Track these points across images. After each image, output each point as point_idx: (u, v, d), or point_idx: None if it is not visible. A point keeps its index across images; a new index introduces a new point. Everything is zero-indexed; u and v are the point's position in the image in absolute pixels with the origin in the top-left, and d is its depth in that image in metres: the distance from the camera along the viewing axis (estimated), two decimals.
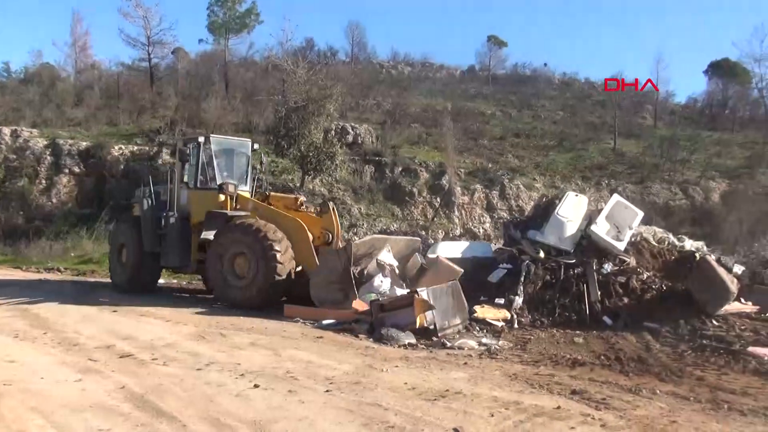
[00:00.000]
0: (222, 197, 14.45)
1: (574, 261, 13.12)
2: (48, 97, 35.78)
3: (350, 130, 32.16)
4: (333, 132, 29.72)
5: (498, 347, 9.93)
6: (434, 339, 10.24)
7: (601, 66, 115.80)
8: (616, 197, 15.06)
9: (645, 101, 50.01)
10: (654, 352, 9.75)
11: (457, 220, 28.25)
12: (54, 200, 27.82)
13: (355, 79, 40.94)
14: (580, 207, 14.30)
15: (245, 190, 15.21)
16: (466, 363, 8.86)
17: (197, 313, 12.54)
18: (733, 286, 11.78)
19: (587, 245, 13.58)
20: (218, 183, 14.63)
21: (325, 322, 11.64)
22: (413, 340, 10.23)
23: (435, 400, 6.84)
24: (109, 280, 16.79)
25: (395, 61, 57.74)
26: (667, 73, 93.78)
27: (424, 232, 24.14)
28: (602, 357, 9.30)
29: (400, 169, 29.85)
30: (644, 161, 35.28)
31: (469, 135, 36.85)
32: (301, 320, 11.85)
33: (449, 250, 14.86)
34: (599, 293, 12.31)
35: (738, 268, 13.20)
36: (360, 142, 32.00)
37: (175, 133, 30.65)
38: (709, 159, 36.27)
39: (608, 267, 12.90)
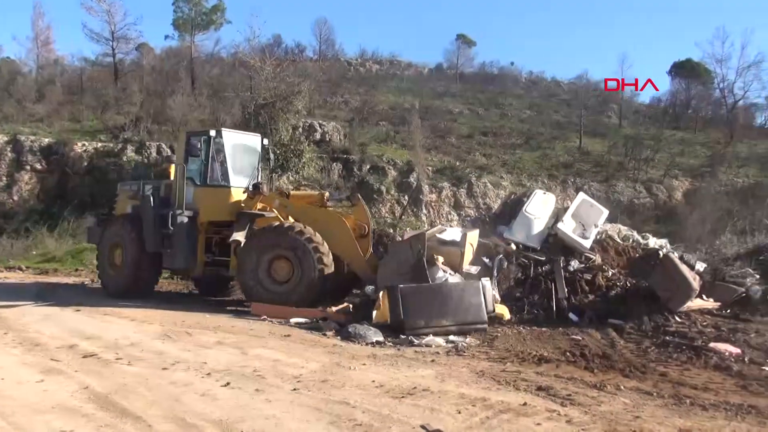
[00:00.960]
0: (235, 195, 14.00)
1: (544, 258, 13.24)
2: (8, 92, 35.14)
3: (318, 128, 32.12)
4: (301, 129, 29.65)
5: (465, 344, 9.98)
6: (402, 337, 10.26)
7: (567, 65, 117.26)
8: (582, 195, 15.23)
9: (610, 100, 50.73)
10: (618, 349, 9.86)
11: (424, 218, 28.39)
12: (15, 197, 27.35)
13: (323, 76, 40.84)
14: (547, 205, 14.43)
15: (242, 187, 14.57)
16: (433, 360, 8.89)
17: (163, 311, 12.41)
18: (696, 283, 11.98)
19: (554, 243, 13.74)
20: (229, 179, 14.13)
21: (293, 320, 11.63)
22: (381, 338, 10.24)
23: (402, 397, 6.86)
24: (73, 279, 16.52)
25: (363, 59, 57.79)
26: (632, 73, 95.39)
27: (391, 230, 24.15)
28: (568, 353, 9.39)
29: (368, 166, 29.90)
30: (609, 160, 35.80)
31: (437, 133, 37.03)
32: (268, 318, 11.80)
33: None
34: (566, 290, 12.43)
35: (700, 266, 13.44)
36: (328, 139, 31.99)
37: (140, 130, 30.31)
38: (672, 158, 36.92)
39: (575, 264, 13.04)
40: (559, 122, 43.86)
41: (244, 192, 14.18)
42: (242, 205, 13.92)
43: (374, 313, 11.12)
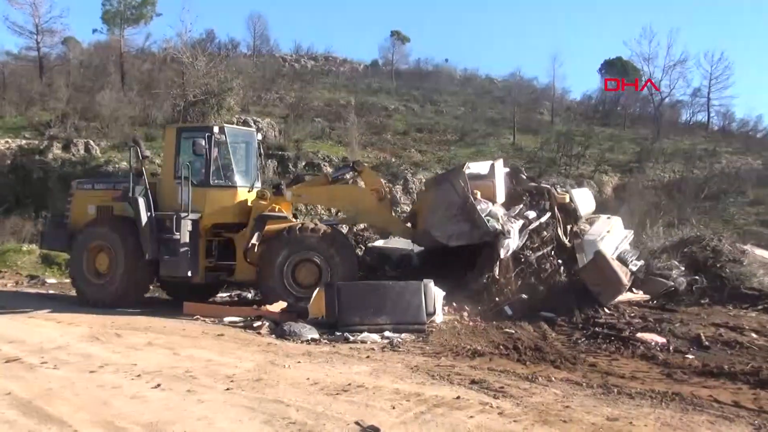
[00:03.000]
0: (241, 195, 13.40)
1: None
2: None
3: (252, 124, 31.72)
4: (234, 126, 29.26)
5: (400, 340, 10.02)
6: (337, 333, 10.25)
7: (501, 63, 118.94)
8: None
9: (542, 98, 51.73)
10: (550, 341, 10.07)
11: None
12: None
13: (257, 72, 40.49)
14: None
15: (248, 186, 13.87)
16: (368, 357, 8.91)
17: (91, 313, 12.04)
18: (626, 278, 12.34)
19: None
20: (235, 178, 13.47)
21: (226, 319, 11.49)
22: (316, 335, 10.21)
23: (337, 394, 6.86)
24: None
25: (298, 55, 57.46)
26: (563, 71, 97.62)
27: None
28: (501, 347, 9.54)
29: (303, 163, 29.74)
30: (542, 156, 36.54)
31: (372, 129, 37.13)
32: (201, 318, 11.63)
33: None
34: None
35: (635, 265, 13.85)
36: (262, 136, 31.67)
37: (67, 127, 29.42)
38: (602, 154, 37.95)
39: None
40: (493, 119, 44.51)
41: (249, 191, 13.66)
42: (249, 205, 13.41)
43: (309, 309, 11.11)
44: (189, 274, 12.93)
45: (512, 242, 12.48)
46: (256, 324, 10.99)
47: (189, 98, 26.56)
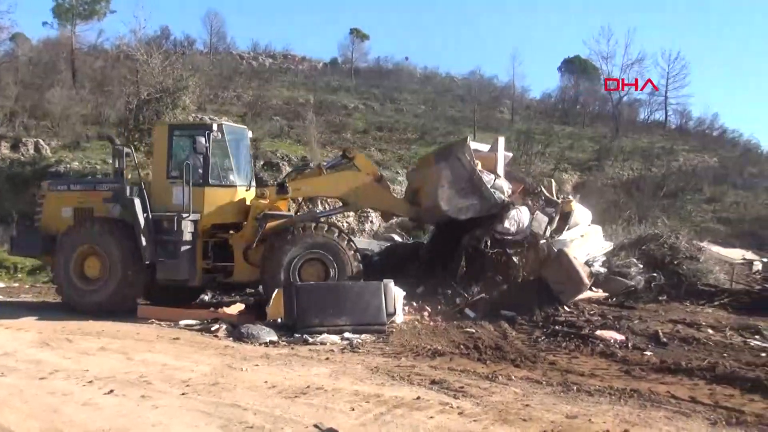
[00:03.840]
0: (240, 194, 13.12)
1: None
2: None
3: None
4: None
5: (360, 341, 10.03)
6: (296, 335, 10.22)
7: (461, 60, 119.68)
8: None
9: (503, 96, 52.19)
10: (510, 340, 10.18)
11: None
12: None
13: (213, 70, 40.11)
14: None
15: (245, 185, 13.63)
16: (327, 358, 8.90)
17: (41, 318, 11.78)
18: (587, 278, 12.52)
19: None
20: (234, 177, 13.20)
21: (182, 322, 11.37)
22: (275, 338, 10.18)
23: (295, 397, 6.83)
24: None
25: (256, 53, 57.07)
26: (523, 69, 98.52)
27: None
28: (462, 346, 9.61)
29: (261, 162, 29.48)
30: None
31: (332, 128, 37.04)
32: (156, 321, 11.47)
33: None
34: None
35: (599, 268, 14.05)
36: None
37: (15, 125, 28.78)
38: (562, 152, 38.40)
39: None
40: (453, 117, 44.73)
41: (246, 190, 13.45)
42: (248, 204, 13.17)
43: (267, 310, 11.05)
44: (189, 276, 12.62)
45: (524, 217, 13.07)
46: (213, 327, 10.89)
47: (143, 96, 26.11)
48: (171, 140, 12.99)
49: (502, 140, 14.52)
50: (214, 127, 12.90)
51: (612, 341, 9.78)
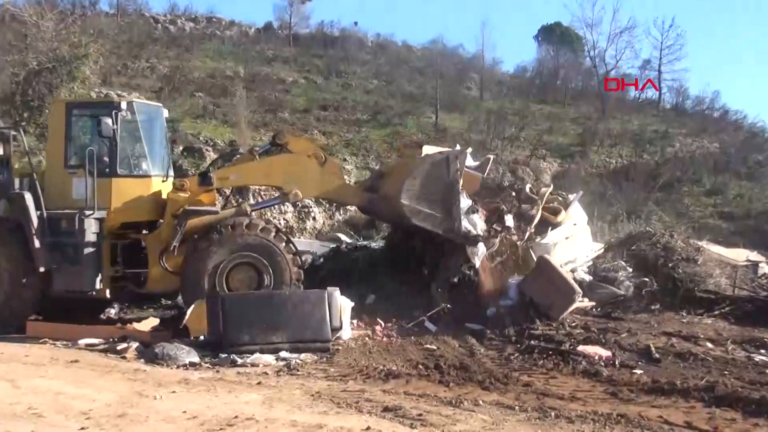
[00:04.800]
0: (155, 186, 12.81)
1: None
2: None
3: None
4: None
5: (300, 361, 10.02)
6: (222, 355, 10.15)
7: (421, 27, 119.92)
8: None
9: (470, 70, 52.45)
10: (478, 358, 10.28)
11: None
12: None
13: (122, 36, 39.41)
14: None
15: (162, 175, 13.38)
16: (260, 383, 8.86)
17: None
18: (577, 285, 12.71)
19: None
20: (149, 166, 12.89)
21: (82, 341, 11.18)
22: (196, 359, 10.10)
23: (221, 429, 6.79)
24: None
25: (174, 15, 56.21)
26: (494, 38, 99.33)
27: None
28: (420, 366, 9.66)
29: (180, 148, 29.19)
30: (469, 138, 36.91)
31: (266, 107, 36.80)
32: (50, 341, 11.26)
33: None
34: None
35: (583, 275, 14.24)
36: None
37: None
38: (539, 136, 38.76)
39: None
40: (411, 94, 44.80)
41: (163, 181, 13.19)
42: (164, 199, 12.90)
43: (186, 325, 10.97)
44: (93, 287, 12.29)
45: (481, 251, 12.98)
46: (121, 346, 10.74)
47: (32, 66, 25.54)
48: (69, 121, 12.68)
49: (492, 160, 14.78)
50: (123, 105, 12.61)
51: (596, 358, 9.95)
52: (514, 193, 14.77)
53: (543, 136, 39.10)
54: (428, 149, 14.40)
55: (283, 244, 12.63)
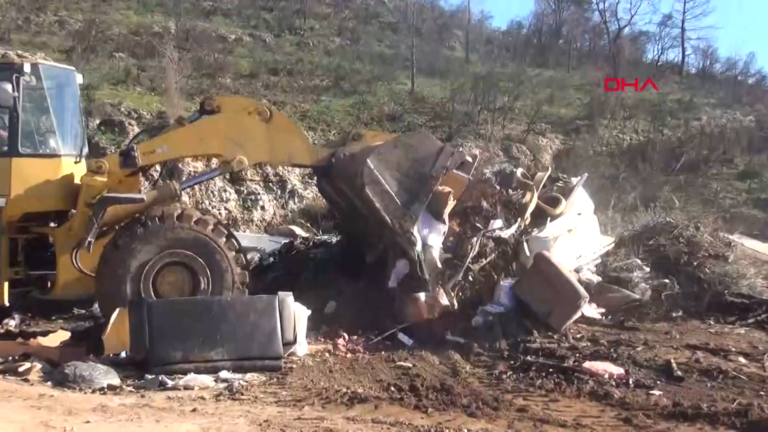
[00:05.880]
0: (66, 168, 12.64)
1: None
2: None
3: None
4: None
5: (244, 383, 9.96)
6: (148, 377, 10.09)
7: None
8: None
9: (453, 26, 52.43)
10: (463, 377, 10.28)
11: (187, 198, 27.98)
12: None
13: None
14: None
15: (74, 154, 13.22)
16: (195, 409, 8.80)
17: None
18: (582, 287, 12.72)
19: None
20: (58, 143, 12.81)
21: None
22: (116, 381, 10.01)
23: None
24: None
25: None
26: None
27: None
28: (392, 388, 9.63)
29: (97, 121, 29.01)
30: (452, 109, 36.97)
31: (203, 70, 36.65)
32: None
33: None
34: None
35: (590, 275, 14.27)
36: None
37: None
38: (537, 106, 38.78)
39: None
40: (382, 55, 44.81)
41: (76, 162, 13.01)
42: (78, 183, 12.70)
43: (104, 340, 10.90)
44: None
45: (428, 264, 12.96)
46: (22, 367, 10.62)
47: None
48: None
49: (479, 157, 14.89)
50: (26, 68, 12.46)
51: (606, 377, 9.97)
52: (498, 187, 14.73)
53: (542, 107, 39.17)
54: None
55: (224, 239, 12.52)
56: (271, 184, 28.42)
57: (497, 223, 14.03)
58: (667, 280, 14.42)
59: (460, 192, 13.51)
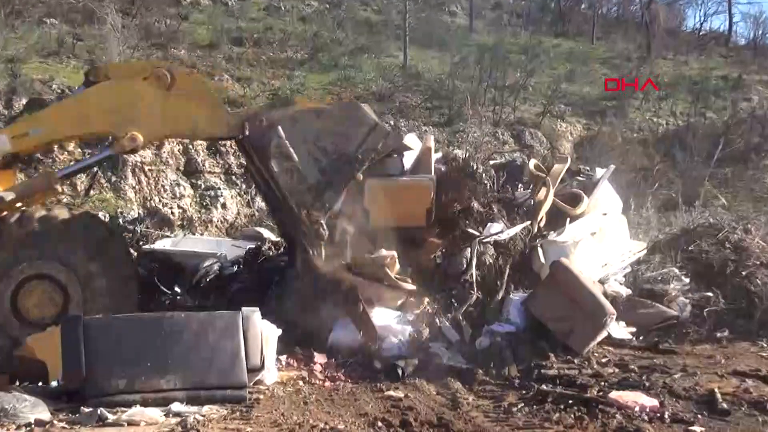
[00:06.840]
0: None
1: None
2: None
3: None
4: None
5: (201, 417, 9.93)
6: (84, 410, 10.06)
7: None
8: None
9: None
10: (465, 410, 10.25)
11: (132, 195, 27.87)
12: None
13: None
14: None
15: None
16: None
17: None
18: (609, 303, 12.72)
19: None
20: None
21: None
22: (46, 414, 9.98)
23: None
24: None
25: None
26: None
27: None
28: (379, 423, 9.62)
29: (23, 101, 28.92)
30: (453, 88, 36.91)
31: (152, 40, 36.58)
32: None
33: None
34: None
35: (617, 287, 14.28)
36: None
37: None
38: (555, 84, 38.72)
39: None
40: (368, 22, 44.80)
41: None
42: None
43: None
44: None
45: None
46: None
47: None
48: None
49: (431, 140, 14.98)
50: None
51: (637, 409, 9.97)
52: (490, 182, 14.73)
53: (560, 85, 39.12)
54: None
55: (106, 249, 12.62)
56: (234, 177, 28.27)
57: (495, 227, 14.00)
58: (710, 294, 14.44)
59: (421, 208, 13.49)
